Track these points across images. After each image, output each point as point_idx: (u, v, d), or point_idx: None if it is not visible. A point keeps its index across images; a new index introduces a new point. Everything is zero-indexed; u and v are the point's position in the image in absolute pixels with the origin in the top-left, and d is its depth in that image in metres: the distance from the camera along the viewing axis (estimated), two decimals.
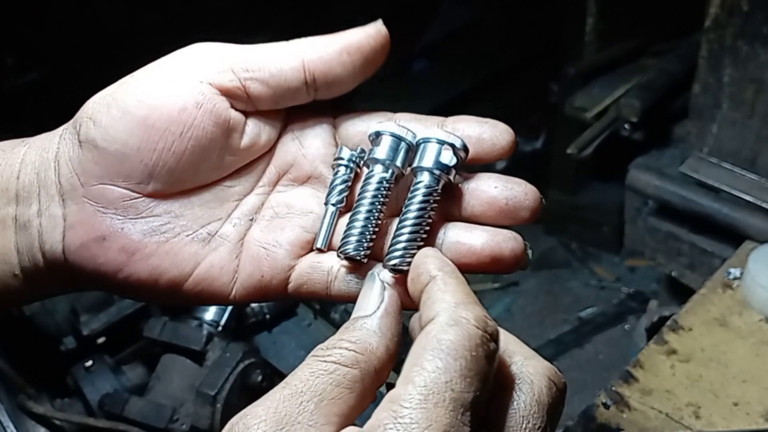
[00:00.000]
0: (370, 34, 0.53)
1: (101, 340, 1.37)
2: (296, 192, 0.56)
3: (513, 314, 2.25)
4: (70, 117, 0.56)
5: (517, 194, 0.53)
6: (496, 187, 0.53)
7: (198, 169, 0.53)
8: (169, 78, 0.52)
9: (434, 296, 0.46)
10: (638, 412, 1.01)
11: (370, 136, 0.55)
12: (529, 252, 0.53)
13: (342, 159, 0.55)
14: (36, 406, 1.25)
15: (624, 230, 1.72)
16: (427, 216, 0.52)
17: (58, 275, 0.54)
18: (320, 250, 0.54)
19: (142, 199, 0.52)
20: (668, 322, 1.14)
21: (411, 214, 0.52)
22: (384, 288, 0.49)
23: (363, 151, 0.56)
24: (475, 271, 0.52)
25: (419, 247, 0.52)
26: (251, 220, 0.55)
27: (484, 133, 0.55)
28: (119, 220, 0.52)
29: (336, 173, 0.55)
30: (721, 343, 1.10)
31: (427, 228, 0.52)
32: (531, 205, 0.53)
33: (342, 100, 0.57)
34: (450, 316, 0.43)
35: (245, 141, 0.55)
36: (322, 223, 0.55)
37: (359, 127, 0.57)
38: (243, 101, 0.54)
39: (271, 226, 0.55)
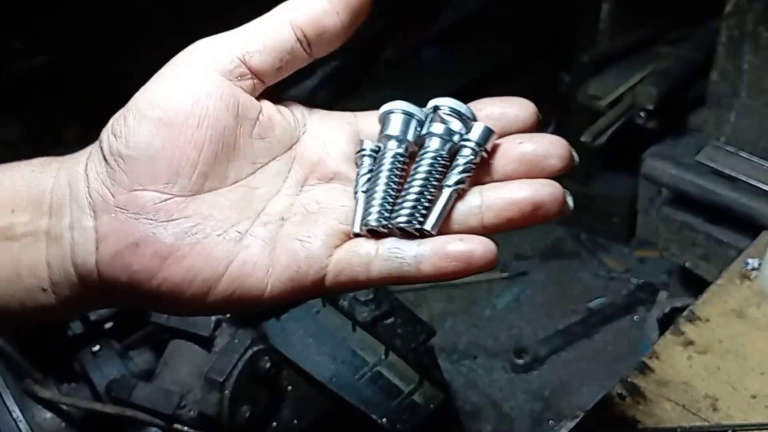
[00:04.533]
0: None
1: (108, 325, 1.35)
2: (324, 189, 0.57)
3: (521, 304, 2.23)
4: (76, 101, 0.56)
5: (544, 143, 0.54)
6: (521, 143, 0.54)
7: (220, 162, 0.53)
8: (175, 77, 0.54)
9: None
10: (654, 404, 0.99)
11: (380, 117, 0.56)
12: (569, 199, 0.53)
13: (365, 150, 0.56)
14: (42, 391, 1.24)
15: (635, 220, 1.70)
16: (431, 179, 0.53)
17: (90, 290, 0.54)
18: (357, 235, 0.54)
19: (172, 200, 0.52)
20: (685, 313, 1.12)
21: (418, 176, 0.53)
22: None
23: None
24: (520, 225, 0.52)
25: (426, 207, 0.53)
26: (282, 219, 0.55)
27: (506, 107, 0.56)
28: (151, 224, 0.52)
29: (361, 165, 0.56)
30: (739, 334, 1.08)
31: (433, 189, 0.53)
32: (560, 153, 0.53)
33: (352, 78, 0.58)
34: None
35: (260, 129, 0.55)
36: (356, 209, 0.55)
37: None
38: (249, 81, 0.55)
39: (304, 221, 0.55)
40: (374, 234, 0.54)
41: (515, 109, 0.56)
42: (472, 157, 0.54)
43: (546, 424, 1.89)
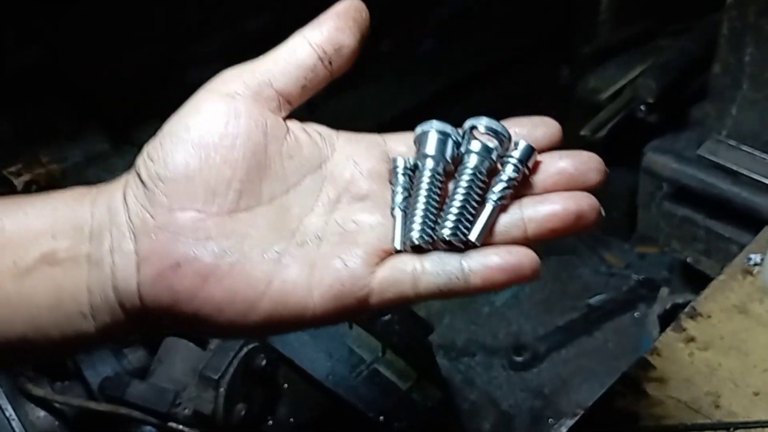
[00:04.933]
0: (345, 4, 0.59)
1: None
2: (358, 208, 0.58)
3: (521, 301, 2.22)
4: (72, 97, 0.56)
5: (582, 159, 0.58)
6: (561, 158, 0.58)
7: (253, 181, 0.55)
8: (206, 101, 0.56)
9: None
10: (655, 401, 0.98)
11: (415, 138, 0.59)
12: (602, 210, 0.57)
13: (398, 167, 0.58)
14: (35, 389, 1.23)
15: (636, 216, 1.68)
16: (473, 194, 0.55)
17: (130, 315, 0.55)
18: (399, 252, 0.55)
19: (210, 219, 0.53)
20: (686, 309, 1.10)
21: (459, 191, 0.55)
22: None
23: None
24: (561, 235, 0.55)
25: (469, 221, 0.54)
26: (318, 238, 0.56)
27: (534, 127, 0.60)
28: (191, 244, 0.53)
29: (396, 182, 0.58)
30: (742, 330, 1.07)
31: (475, 204, 0.55)
32: (597, 167, 0.58)
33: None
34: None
35: (288, 149, 0.57)
36: (395, 225, 0.56)
37: (409, 141, 0.60)
38: (275, 102, 0.57)
39: (342, 240, 0.56)
40: (417, 250, 0.55)
41: (542, 128, 0.60)
42: (515, 173, 0.56)
43: (545, 422, 1.88)
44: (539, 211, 0.55)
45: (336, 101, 0.55)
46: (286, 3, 2.25)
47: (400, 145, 0.61)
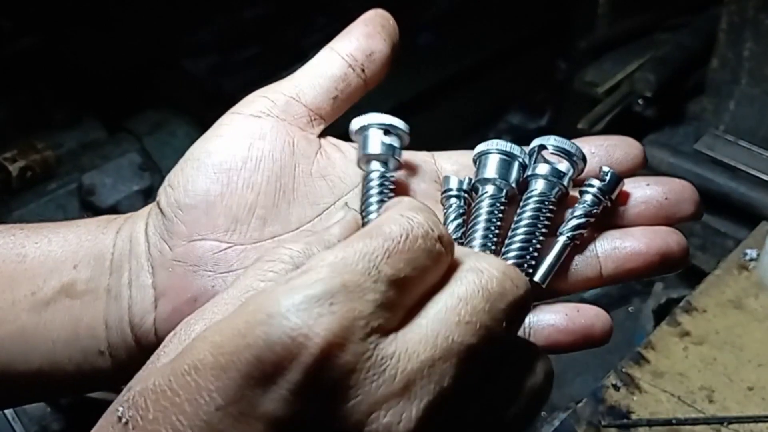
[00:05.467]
0: (371, 12, 0.56)
1: None
2: None
3: None
4: (66, 84, 0.54)
5: (675, 187, 0.50)
6: (648, 185, 0.51)
7: (279, 205, 0.51)
8: (229, 125, 0.53)
9: (393, 203, 0.43)
10: (649, 395, 0.98)
11: (474, 157, 0.52)
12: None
13: (451, 190, 0.52)
14: None
15: None
16: (539, 225, 0.49)
17: (145, 352, 0.51)
18: None
19: (232, 248, 0.50)
20: (681, 303, 1.10)
21: (523, 221, 0.49)
22: (347, 209, 0.48)
23: (471, 179, 0.52)
24: (643, 276, 0.49)
25: (534, 257, 0.48)
26: None
27: (612, 147, 0.52)
28: (210, 277, 0.50)
29: (448, 207, 0.52)
30: (736, 325, 1.07)
31: (541, 237, 0.49)
32: (692, 197, 0.50)
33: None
34: (400, 213, 0.40)
35: (319, 167, 0.53)
36: None
37: (460, 159, 0.55)
38: (304, 118, 0.53)
39: None
40: None
41: (623, 149, 0.53)
42: (594, 207, 0.49)
43: (539, 415, 1.88)
44: (619, 248, 0.49)
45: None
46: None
47: (450, 163, 0.56)
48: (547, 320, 0.49)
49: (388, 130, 0.52)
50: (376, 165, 0.52)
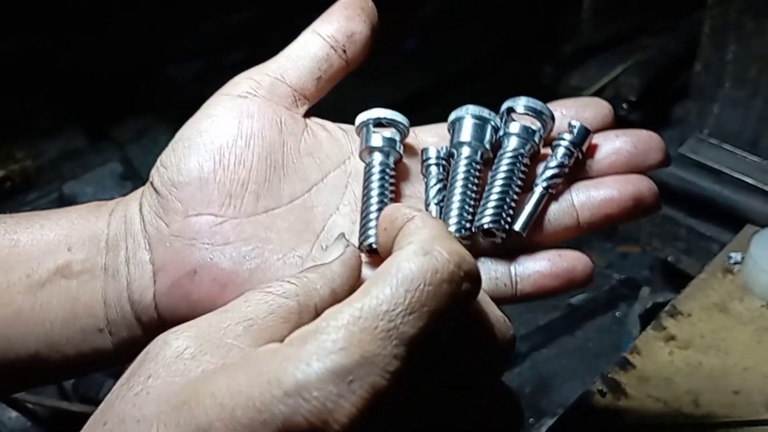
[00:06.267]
0: None
1: None
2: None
3: None
4: (51, 87, 0.54)
5: (643, 137, 0.52)
6: (617, 136, 0.53)
7: (271, 180, 0.52)
8: (217, 105, 0.55)
9: (410, 231, 0.41)
10: (635, 400, 0.97)
11: (449, 125, 0.54)
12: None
13: (430, 158, 0.54)
14: None
15: None
16: (515, 178, 0.51)
17: (147, 328, 0.52)
18: None
19: (228, 222, 0.51)
20: (666, 308, 1.10)
21: (499, 176, 0.50)
22: (346, 243, 0.47)
23: (447, 147, 0.55)
24: (617, 222, 0.51)
25: (512, 208, 0.50)
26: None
27: (582, 109, 0.55)
28: (207, 249, 0.50)
29: (429, 175, 0.54)
30: (722, 329, 1.06)
31: (518, 189, 0.51)
32: (659, 145, 0.53)
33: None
34: (421, 246, 0.38)
35: (307, 145, 0.54)
36: None
37: (439, 131, 0.57)
38: (290, 98, 0.55)
39: None
40: None
41: (592, 109, 0.55)
42: (566, 157, 0.51)
43: (526, 421, 1.87)
44: (593, 196, 0.51)
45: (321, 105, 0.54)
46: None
47: (431, 136, 0.58)
48: (532, 268, 0.51)
49: (389, 124, 0.54)
50: (378, 157, 0.53)
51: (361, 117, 0.55)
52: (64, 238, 0.54)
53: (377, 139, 0.54)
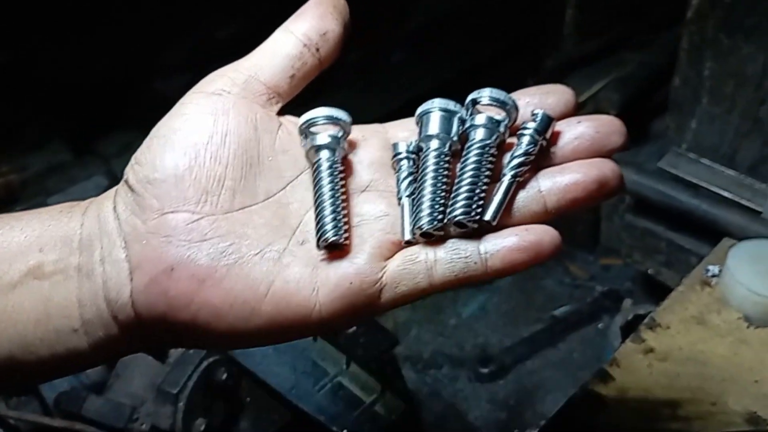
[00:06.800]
0: None
1: None
2: (360, 199, 0.56)
3: (488, 312, 2.22)
4: (36, 100, 0.54)
5: (604, 121, 0.54)
6: (579, 122, 0.54)
7: (247, 177, 0.53)
8: (191, 103, 0.55)
9: None
10: (615, 412, 0.98)
11: (416, 119, 0.55)
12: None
13: (400, 153, 0.55)
14: None
15: (599, 228, 1.69)
16: (483, 169, 0.52)
17: (124, 328, 0.52)
18: (409, 242, 0.52)
19: (204, 219, 0.51)
20: (645, 320, 1.11)
21: (467, 168, 0.52)
22: None
23: (416, 141, 0.55)
24: (584, 205, 0.52)
25: (482, 198, 0.51)
26: None
27: (545, 96, 0.56)
28: (184, 246, 0.50)
29: (399, 168, 0.55)
30: (699, 341, 1.08)
31: (486, 180, 0.52)
32: (620, 129, 0.53)
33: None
34: None
35: (281, 143, 0.55)
36: (403, 215, 0.53)
37: (409, 126, 0.57)
38: (263, 96, 0.56)
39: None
40: (428, 238, 0.52)
41: (554, 96, 0.56)
42: (531, 145, 0.52)
43: None
44: (558, 182, 0.52)
45: (303, 111, 0.54)
46: (255, 11, 2.24)
47: (402, 131, 0.58)
48: (500, 243, 0.51)
49: (333, 121, 0.55)
50: (325, 154, 0.54)
51: (304, 117, 0.56)
52: (35, 239, 0.53)
53: (322, 137, 0.54)
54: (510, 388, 2.00)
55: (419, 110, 0.56)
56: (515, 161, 0.52)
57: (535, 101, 0.56)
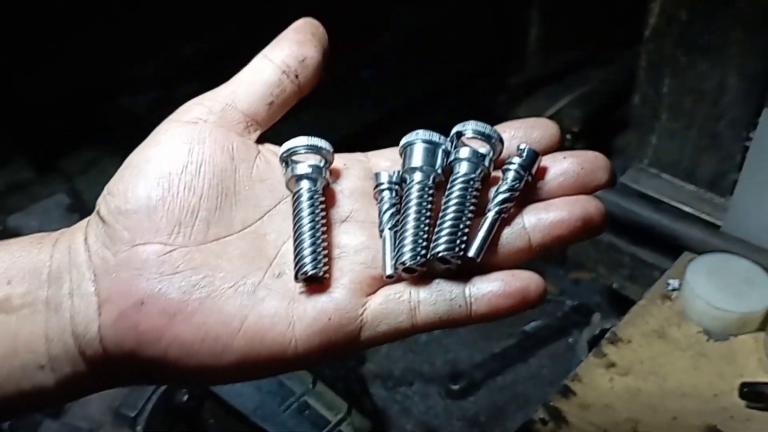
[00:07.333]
0: (301, 21, 0.58)
1: None
2: (341, 230, 0.54)
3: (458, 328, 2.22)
4: (14, 110, 0.52)
5: (589, 158, 0.53)
6: (565, 158, 0.53)
7: (222, 208, 0.52)
8: (166, 132, 0.53)
9: None
10: (576, 428, 0.98)
11: (400, 150, 0.54)
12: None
13: (382, 183, 0.54)
14: None
15: None
16: (467, 204, 0.51)
17: (92, 364, 0.50)
18: (390, 277, 0.51)
19: (176, 251, 0.50)
20: (607, 335, 1.12)
21: (451, 203, 0.51)
22: None
23: (399, 171, 0.55)
24: (568, 242, 0.52)
25: (465, 234, 0.50)
26: None
27: (530, 130, 0.56)
28: (155, 279, 0.49)
29: (381, 200, 0.54)
30: (660, 355, 1.08)
31: (471, 215, 0.51)
32: (605, 165, 0.53)
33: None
34: None
35: (259, 172, 0.54)
36: (384, 249, 0.52)
37: (392, 155, 0.57)
38: (241, 124, 0.55)
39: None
40: (410, 273, 0.51)
41: (539, 129, 0.56)
42: (517, 181, 0.52)
43: None
44: (543, 219, 0.52)
45: (273, 128, 0.54)
46: (224, 28, 2.23)
47: (384, 160, 0.57)
48: (486, 288, 0.51)
49: (314, 151, 0.54)
50: (306, 184, 0.53)
51: (285, 146, 0.55)
52: (4, 270, 0.52)
53: (303, 167, 0.53)
54: (481, 404, 2.00)
55: (403, 141, 0.55)
56: (500, 197, 0.52)
57: (519, 134, 0.56)
